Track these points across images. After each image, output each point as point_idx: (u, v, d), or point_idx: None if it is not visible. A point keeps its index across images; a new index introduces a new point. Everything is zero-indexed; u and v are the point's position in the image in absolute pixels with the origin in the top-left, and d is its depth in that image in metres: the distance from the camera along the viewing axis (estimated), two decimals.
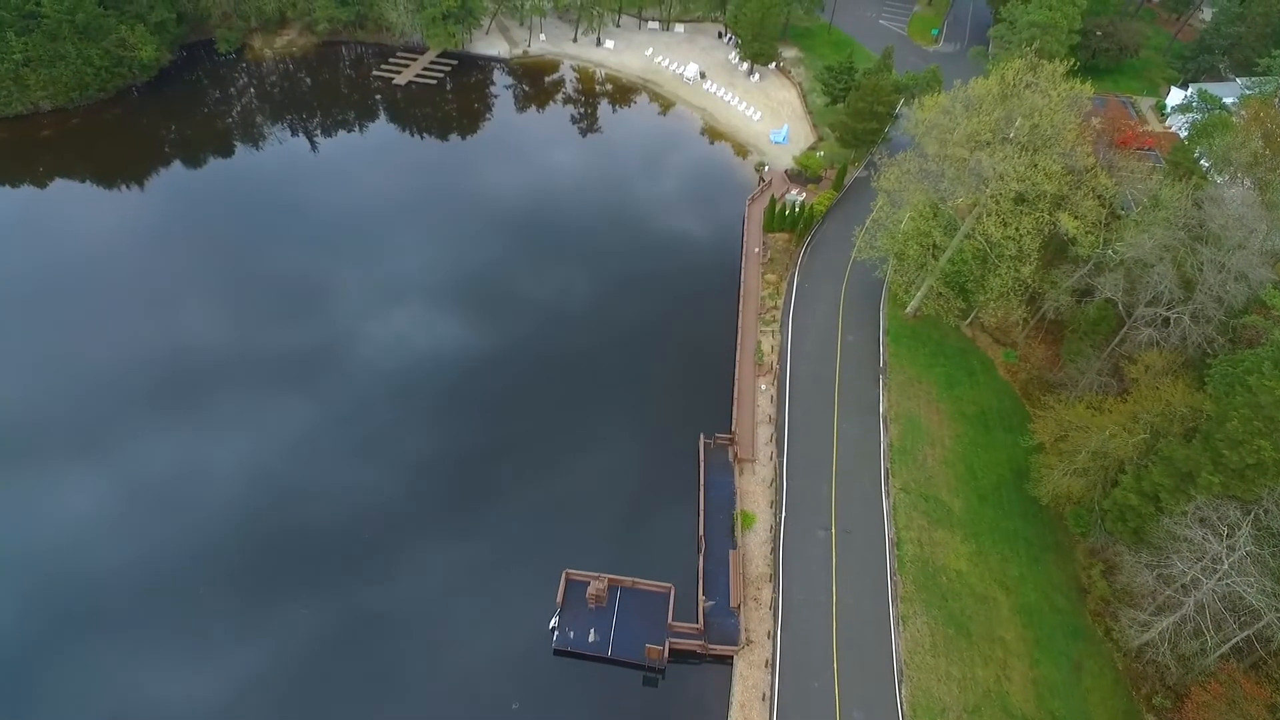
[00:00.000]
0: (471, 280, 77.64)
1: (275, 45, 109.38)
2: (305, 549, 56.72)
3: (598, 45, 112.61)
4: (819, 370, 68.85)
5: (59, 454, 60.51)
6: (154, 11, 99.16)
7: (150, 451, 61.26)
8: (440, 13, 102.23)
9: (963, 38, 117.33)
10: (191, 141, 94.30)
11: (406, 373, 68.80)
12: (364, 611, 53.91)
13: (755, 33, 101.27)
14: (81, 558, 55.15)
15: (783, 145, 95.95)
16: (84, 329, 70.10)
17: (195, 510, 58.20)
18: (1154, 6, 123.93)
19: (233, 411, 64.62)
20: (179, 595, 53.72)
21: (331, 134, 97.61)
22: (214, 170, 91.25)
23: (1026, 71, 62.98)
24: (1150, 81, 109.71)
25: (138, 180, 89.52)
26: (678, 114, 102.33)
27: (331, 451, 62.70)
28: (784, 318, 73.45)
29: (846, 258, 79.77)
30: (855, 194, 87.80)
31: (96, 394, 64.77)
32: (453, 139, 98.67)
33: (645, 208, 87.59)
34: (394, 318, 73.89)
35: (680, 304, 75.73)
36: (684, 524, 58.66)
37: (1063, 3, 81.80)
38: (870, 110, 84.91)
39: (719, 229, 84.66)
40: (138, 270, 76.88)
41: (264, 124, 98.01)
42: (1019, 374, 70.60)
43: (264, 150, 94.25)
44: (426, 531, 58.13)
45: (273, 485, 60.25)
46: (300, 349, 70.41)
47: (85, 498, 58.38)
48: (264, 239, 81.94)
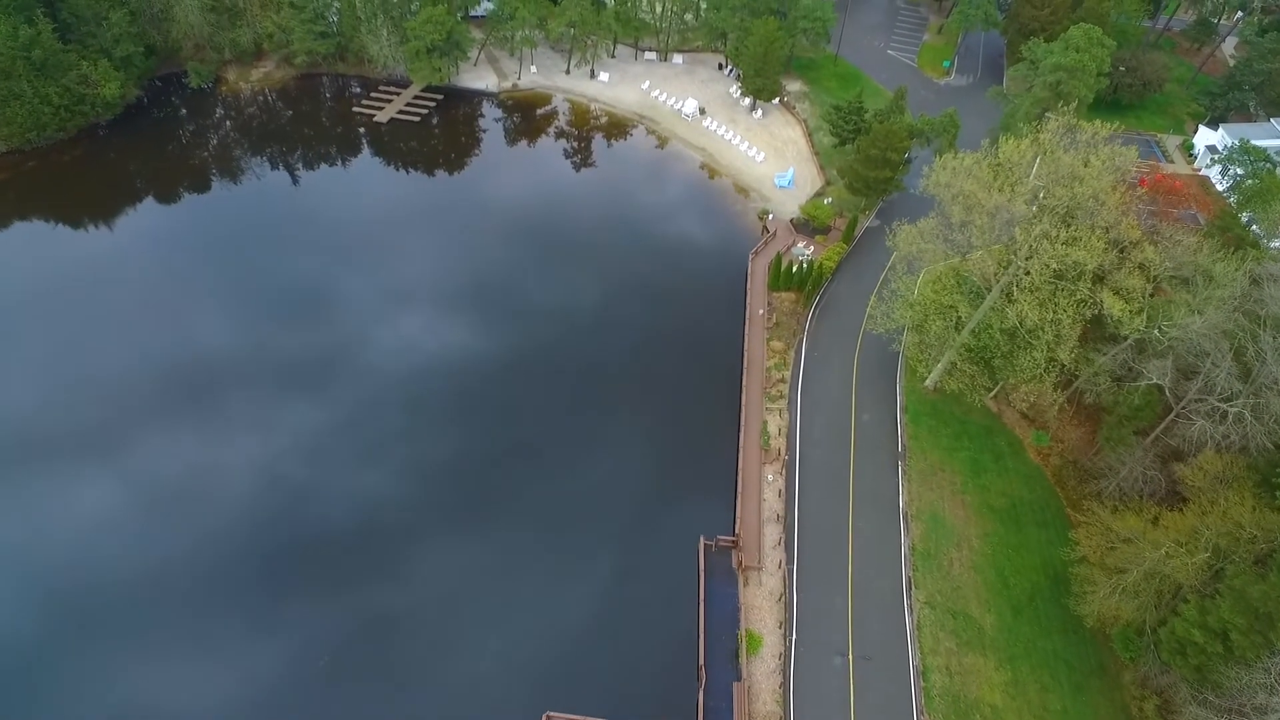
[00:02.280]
0: (439, 352, 70.01)
1: (251, 78, 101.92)
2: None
3: (591, 78, 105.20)
4: (831, 456, 61.49)
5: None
6: (120, 45, 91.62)
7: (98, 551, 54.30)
8: (424, 46, 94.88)
9: (975, 69, 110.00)
10: (157, 183, 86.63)
11: (340, 467, 61.62)
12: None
13: (758, 67, 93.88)
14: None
15: (788, 190, 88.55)
16: (33, 389, 63.04)
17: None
18: (1173, 35, 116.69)
19: (193, 490, 57.53)
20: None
21: (306, 176, 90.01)
22: (180, 213, 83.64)
23: (1063, 132, 55.90)
24: (1175, 118, 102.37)
25: (98, 226, 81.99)
26: (675, 154, 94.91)
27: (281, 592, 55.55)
28: (792, 393, 66.07)
29: (859, 320, 72.44)
30: (867, 246, 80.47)
31: (36, 456, 57.78)
32: (434, 182, 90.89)
33: (640, 261, 79.92)
34: (355, 385, 66.65)
35: (677, 376, 68.07)
36: (682, 647, 50.98)
37: (1091, 44, 74.52)
38: (882, 157, 77.49)
39: (719, 286, 77.11)
40: (94, 321, 69.69)
41: (234, 165, 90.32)
42: (1051, 458, 63.26)
43: (234, 193, 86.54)
44: (393, 674, 50.74)
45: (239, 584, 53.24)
46: (254, 416, 63.14)
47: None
48: (230, 288, 74.29)
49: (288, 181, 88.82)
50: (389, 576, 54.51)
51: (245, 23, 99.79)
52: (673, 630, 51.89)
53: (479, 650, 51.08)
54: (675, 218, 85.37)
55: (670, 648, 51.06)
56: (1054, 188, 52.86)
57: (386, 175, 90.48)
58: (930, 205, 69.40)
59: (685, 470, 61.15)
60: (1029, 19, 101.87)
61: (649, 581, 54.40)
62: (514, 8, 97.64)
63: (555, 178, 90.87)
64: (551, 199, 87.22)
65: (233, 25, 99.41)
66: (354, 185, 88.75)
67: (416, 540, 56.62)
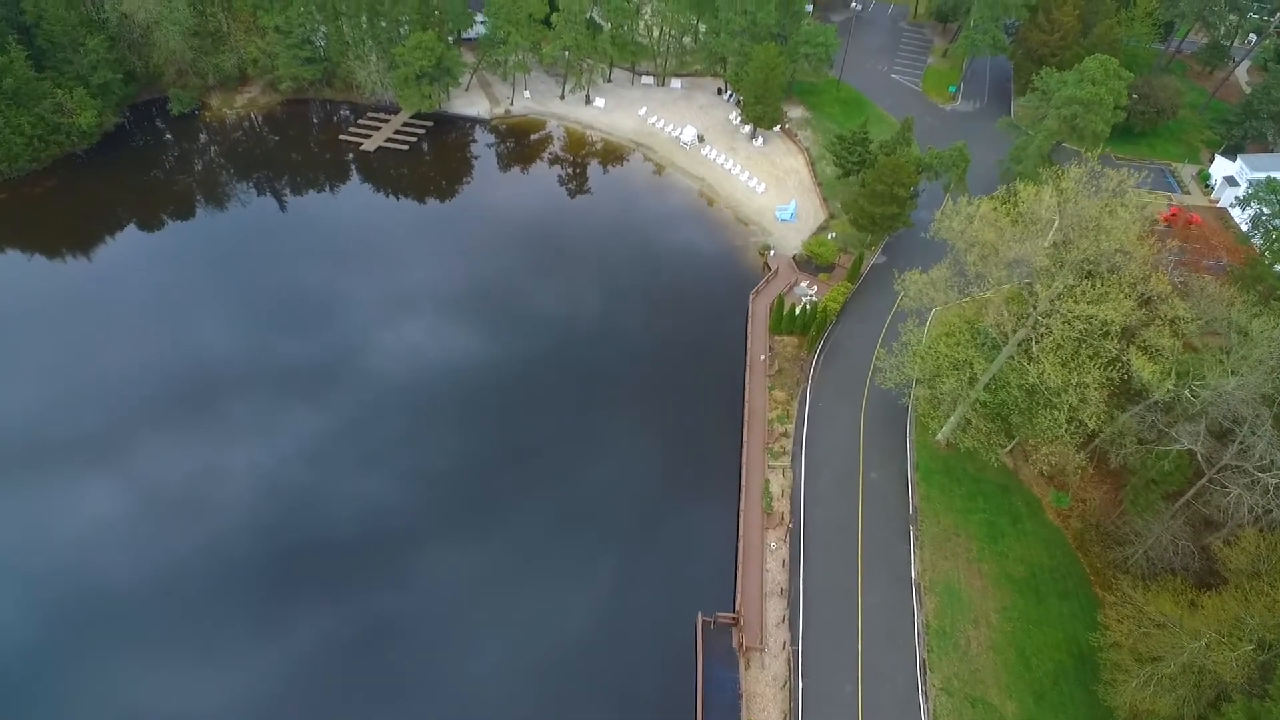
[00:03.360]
0: (422, 390, 65.93)
1: (235, 104, 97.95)
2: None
3: (587, 103, 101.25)
4: (838, 519, 57.17)
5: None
6: (97, 72, 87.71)
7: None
8: (414, 73, 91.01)
9: (982, 94, 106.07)
10: (133, 215, 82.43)
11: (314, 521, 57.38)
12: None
13: (758, 94, 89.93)
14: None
15: (790, 223, 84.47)
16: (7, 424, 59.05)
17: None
18: (1184, 58, 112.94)
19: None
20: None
21: (290, 207, 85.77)
22: (157, 245, 79.50)
23: (1085, 180, 51.79)
24: (1189, 145, 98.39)
25: (72, 259, 77.95)
26: (673, 184, 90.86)
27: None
28: (795, 447, 61.78)
29: (866, 366, 68.23)
30: (873, 285, 76.30)
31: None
32: (422, 214, 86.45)
33: (636, 300, 75.63)
34: (329, 426, 62.44)
35: (674, 430, 63.55)
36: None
37: (1107, 76, 70.56)
38: (889, 193, 73.39)
39: (719, 329, 72.83)
40: (66, 358, 65.81)
41: (215, 195, 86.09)
42: (1072, 520, 58.98)
43: (214, 224, 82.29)
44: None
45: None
46: (230, 457, 58.96)
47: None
48: (209, 322, 70.34)
49: (270, 213, 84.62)
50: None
51: (229, 48, 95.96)
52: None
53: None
54: (672, 254, 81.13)
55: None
56: (1078, 239, 48.78)
57: (372, 207, 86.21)
58: (941, 246, 65.68)
59: (682, 535, 56.72)
60: (1037, 44, 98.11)
61: (641, 665, 49.91)
62: (507, 32, 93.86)
63: (548, 210, 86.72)
64: (543, 233, 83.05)
65: (216, 50, 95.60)
66: (338, 218, 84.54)
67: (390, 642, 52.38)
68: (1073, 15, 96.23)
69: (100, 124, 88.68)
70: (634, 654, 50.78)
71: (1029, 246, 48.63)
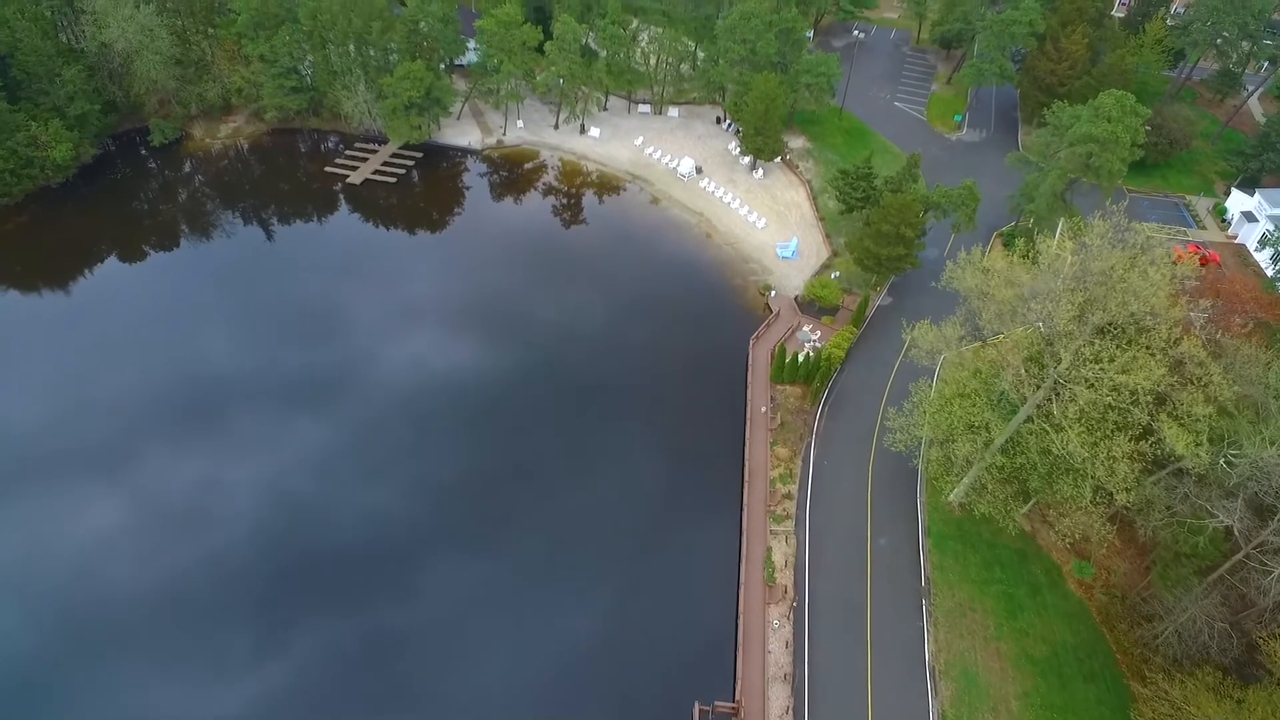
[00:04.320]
0: (385, 459, 62.03)
1: (219, 134, 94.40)
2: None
3: (581, 133, 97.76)
4: (846, 592, 52.97)
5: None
6: (74, 104, 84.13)
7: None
8: (402, 103, 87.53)
9: (988, 123, 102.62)
10: (106, 250, 78.64)
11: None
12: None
13: (758, 125, 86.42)
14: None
15: (791, 261, 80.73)
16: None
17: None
18: (1195, 85, 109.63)
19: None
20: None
21: (271, 243, 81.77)
22: (130, 284, 75.67)
23: (1109, 234, 48.02)
24: (1203, 177, 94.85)
25: (41, 296, 74.06)
26: (670, 219, 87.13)
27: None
28: (799, 510, 57.72)
29: (873, 419, 64.27)
30: (879, 328, 72.45)
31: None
32: (408, 250, 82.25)
33: (631, 345, 71.55)
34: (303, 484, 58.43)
35: (670, 491, 59.36)
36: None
37: (1124, 113, 67.01)
38: (896, 233, 69.76)
39: (717, 377, 68.85)
40: (31, 399, 62.21)
41: (193, 230, 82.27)
42: (1095, 591, 54.87)
43: (191, 260, 78.38)
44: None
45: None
46: (194, 504, 54.96)
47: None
48: (181, 363, 66.64)
49: (251, 250, 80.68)
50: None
51: (213, 77, 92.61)
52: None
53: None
54: (669, 294, 77.13)
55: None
56: (1104, 297, 44.93)
57: (356, 244, 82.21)
58: (953, 292, 61.90)
59: (678, 610, 52.41)
60: (1045, 73, 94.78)
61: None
62: (499, 60, 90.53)
63: (539, 248, 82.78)
64: (533, 273, 79.06)
65: (200, 79, 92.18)
66: (321, 255, 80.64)
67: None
68: (1081, 44, 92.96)
69: (77, 156, 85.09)
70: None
71: (1051, 309, 44.80)
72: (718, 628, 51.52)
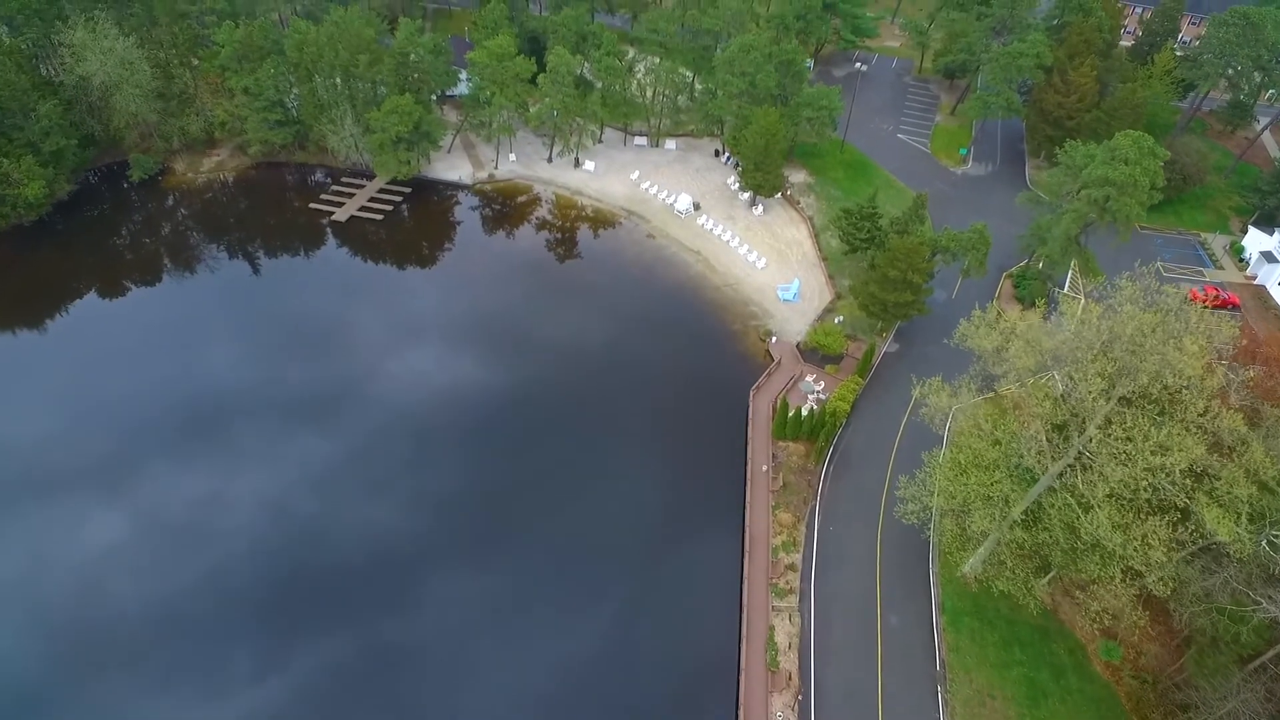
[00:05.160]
0: (376, 497, 57.95)
1: (202, 168, 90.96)
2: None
3: (576, 166, 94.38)
4: (855, 679, 48.57)
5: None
6: (49, 139, 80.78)
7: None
8: (390, 138, 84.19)
9: (994, 156, 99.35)
10: (77, 292, 74.63)
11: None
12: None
13: (758, 161, 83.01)
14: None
15: (793, 303, 76.98)
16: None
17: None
18: (1205, 116, 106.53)
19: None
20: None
21: (252, 283, 77.78)
22: (100, 326, 71.62)
23: (1138, 297, 44.28)
24: (1217, 213, 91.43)
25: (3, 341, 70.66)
26: (666, 258, 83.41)
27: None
28: (804, 584, 53.45)
29: (880, 480, 60.18)
30: (886, 377, 68.53)
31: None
32: (392, 293, 77.81)
33: (622, 395, 67.33)
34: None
35: (663, 562, 55.03)
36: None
37: (1142, 155, 63.54)
38: (903, 279, 66.10)
39: (715, 430, 64.70)
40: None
41: (170, 271, 78.31)
42: (1124, 675, 50.57)
43: (165, 303, 74.44)
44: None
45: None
46: (150, 563, 50.82)
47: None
48: (151, 410, 62.87)
49: (230, 290, 76.69)
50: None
51: (195, 110, 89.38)
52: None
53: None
54: (665, 339, 73.19)
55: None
56: (1138, 373, 41.05)
57: (340, 284, 78.23)
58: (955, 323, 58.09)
59: (674, 703, 48.16)
60: (1053, 105, 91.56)
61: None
62: (491, 92, 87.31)
63: (529, 289, 78.70)
64: (523, 314, 75.11)
65: (182, 113, 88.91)
66: (304, 296, 76.82)
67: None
68: (1089, 77, 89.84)
69: (51, 193, 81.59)
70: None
71: (1077, 381, 40.91)
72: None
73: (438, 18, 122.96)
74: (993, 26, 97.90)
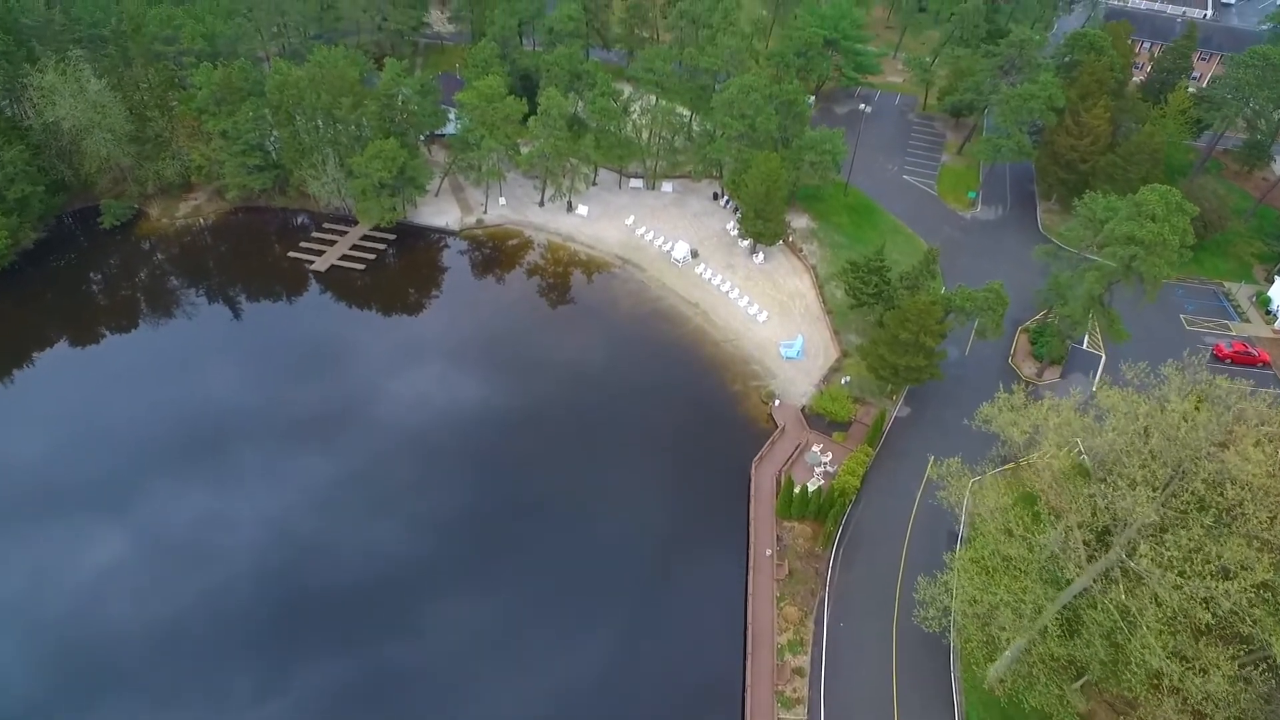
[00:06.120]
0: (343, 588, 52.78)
1: (178, 213, 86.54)
2: None
3: (569, 210, 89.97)
4: None
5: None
6: (14, 186, 76.54)
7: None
8: (372, 184, 79.86)
9: (1004, 199, 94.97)
10: (39, 348, 70.05)
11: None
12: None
13: (758, 208, 78.57)
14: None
15: (797, 361, 72.18)
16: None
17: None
18: (1220, 156, 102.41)
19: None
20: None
21: (224, 336, 72.96)
22: (61, 387, 66.73)
23: (1187, 389, 39.52)
24: (1239, 260, 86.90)
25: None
26: (662, 311, 78.57)
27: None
28: (812, 691, 48.07)
29: (895, 566, 55.00)
30: (898, 445, 63.46)
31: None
32: (371, 351, 72.42)
33: (612, 464, 62.28)
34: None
35: (657, 664, 49.84)
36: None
37: (1170, 211, 59.06)
38: (915, 341, 61.41)
39: (713, 506, 59.45)
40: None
41: (136, 326, 73.71)
42: None
43: (130, 362, 69.69)
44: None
45: None
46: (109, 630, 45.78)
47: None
48: (110, 483, 58.08)
49: (200, 345, 71.82)
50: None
51: (171, 153, 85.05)
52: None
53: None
54: (660, 402, 68.10)
55: None
56: (1193, 482, 36.15)
57: (315, 341, 73.26)
58: (974, 394, 53.38)
59: None
60: (1065, 148, 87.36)
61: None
62: (479, 135, 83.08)
63: (516, 344, 73.49)
64: (508, 373, 70.02)
65: (157, 156, 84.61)
66: (280, 352, 72.11)
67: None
68: (1103, 119, 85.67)
69: (15, 242, 77.19)
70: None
71: (1127, 500, 35.92)
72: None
73: (430, 52, 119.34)
74: (1000, 65, 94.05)
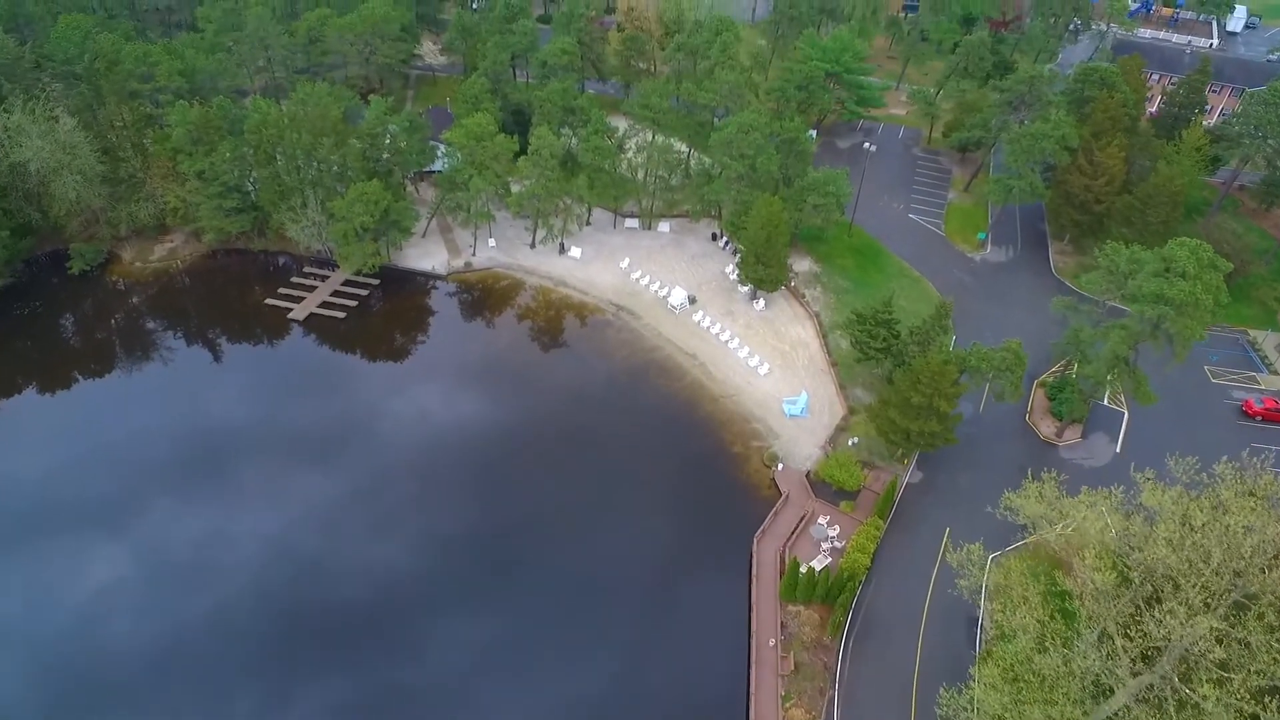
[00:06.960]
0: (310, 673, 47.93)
1: (152, 256, 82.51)
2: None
3: (561, 253, 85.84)
4: None
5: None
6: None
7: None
8: (354, 229, 75.79)
9: (1014, 239, 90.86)
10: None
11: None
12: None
13: (759, 253, 74.46)
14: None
15: (800, 419, 67.67)
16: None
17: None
18: (1236, 193, 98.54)
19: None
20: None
21: (195, 390, 68.31)
22: (17, 446, 62.51)
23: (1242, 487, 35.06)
24: (1263, 305, 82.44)
25: None
26: (658, 362, 74.03)
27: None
28: None
29: (910, 657, 50.14)
30: (910, 515, 58.70)
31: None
32: (346, 410, 67.52)
33: (601, 538, 57.42)
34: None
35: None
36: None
37: (1201, 269, 54.90)
38: (928, 405, 56.98)
39: (711, 587, 54.54)
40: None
41: (102, 379, 69.43)
42: None
43: (94, 419, 65.20)
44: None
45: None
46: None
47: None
48: (74, 536, 52.98)
49: (169, 400, 67.42)
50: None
51: (145, 195, 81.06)
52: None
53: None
54: (654, 465, 63.27)
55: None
56: (1257, 601, 31.67)
57: (289, 395, 68.99)
58: (990, 457, 48.83)
59: None
60: (1078, 189, 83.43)
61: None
62: (467, 175, 79.17)
63: (502, 401, 68.86)
64: (491, 433, 65.19)
65: (130, 198, 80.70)
66: (253, 407, 67.53)
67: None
68: (1118, 158, 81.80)
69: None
70: None
71: (1184, 630, 31.35)
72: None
73: (421, 84, 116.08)
74: (1010, 101, 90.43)
